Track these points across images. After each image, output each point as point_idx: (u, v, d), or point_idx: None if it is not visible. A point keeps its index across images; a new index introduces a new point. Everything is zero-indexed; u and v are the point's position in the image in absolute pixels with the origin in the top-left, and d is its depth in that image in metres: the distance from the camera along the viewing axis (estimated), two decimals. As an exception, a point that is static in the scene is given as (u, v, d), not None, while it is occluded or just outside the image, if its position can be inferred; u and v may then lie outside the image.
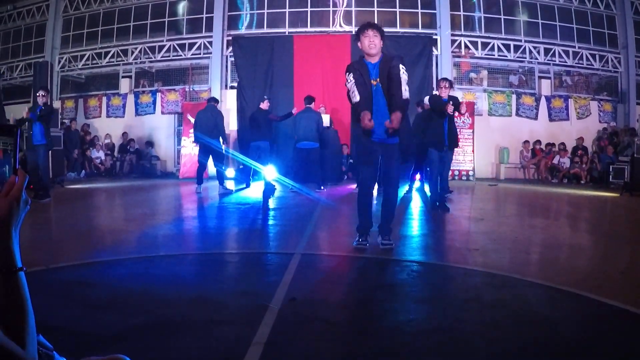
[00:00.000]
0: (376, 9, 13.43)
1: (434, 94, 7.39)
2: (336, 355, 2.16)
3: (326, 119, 10.70)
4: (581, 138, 13.24)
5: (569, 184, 12.24)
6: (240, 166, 11.61)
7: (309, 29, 13.50)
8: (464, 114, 6.97)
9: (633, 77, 13.78)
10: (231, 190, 8.84)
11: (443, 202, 6.74)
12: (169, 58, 14.21)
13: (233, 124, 12.85)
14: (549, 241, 4.92)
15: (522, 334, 2.36)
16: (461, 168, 12.04)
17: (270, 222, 6.10)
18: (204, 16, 13.93)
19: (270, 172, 8.52)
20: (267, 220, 6.19)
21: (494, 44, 13.47)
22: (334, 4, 13.42)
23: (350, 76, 4.05)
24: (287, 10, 13.52)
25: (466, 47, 13.43)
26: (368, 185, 4.26)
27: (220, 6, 13.54)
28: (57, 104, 13.83)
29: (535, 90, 13.73)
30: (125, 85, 14.41)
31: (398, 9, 13.50)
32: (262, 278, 3.41)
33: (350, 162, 11.99)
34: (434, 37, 13.20)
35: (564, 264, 4.04)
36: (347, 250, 4.23)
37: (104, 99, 14.53)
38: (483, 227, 5.61)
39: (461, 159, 11.81)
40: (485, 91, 13.55)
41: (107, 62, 14.66)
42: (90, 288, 3.03)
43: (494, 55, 13.55)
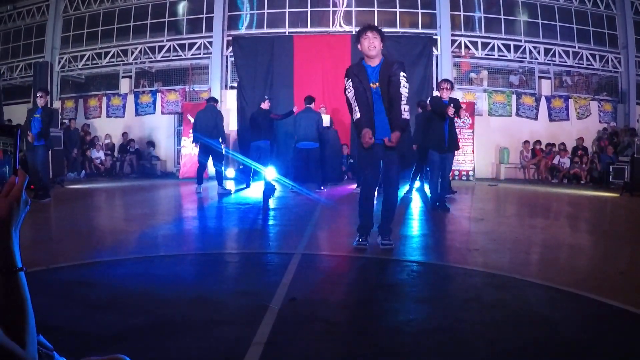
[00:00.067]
0: (376, 9, 13.44)
1: (434, 95, 7.38)
2: (336, 355, 2.16)
3: (326, 119, 10.70)
4: (581, 138, 13.24)
5: (569, 184, 12.24)
6: (240, 166, 11.62)
7: (309, 29, 13.51)
8: (462, 118, 6.96)
9: (633, 77, 13.78)
10: (230, 191, 8.83)
11: (443, 202, 6.74)
12: (169, 58, 14.21)
13: (233, 124, 12.85)
14: (549, 241, 4.92)
15: (522, 334, 2.36)
16: (461, 168, 12.04)
17: (271, 222, 6.10)
18: (204, 16, 13.93)
19: (270, 172, 8.52)
20: (267, 220, 6.20)
21: (494, 44, 13.47)
22: (334, 4, 13.42)
23: (349, 83, 4.04)
24: (287, 10, 13.52)
25: (466, 47, 13.43)
26: (370, 187, 4.26)
27: (220, 6, 13.54)
28: (57, 104, 13.83)
29: (535, 90, 13.74)
30: (125, 86, 14.41)
31: (398, 9, 13.51)
32: (262, 278, 3.41)
33: (350, 162, 11.99)
34: (434, 37, 13.20)
35: (564, 264, 4.05)
36: (347, 250, 4.23)
37: (104, 99, 14.54)
38: (483, 227, 5.61)
39: (461, 159, 11.81)
40: (485, 91, 13.55)
41: (107, 62, 14.66)
42: (90, 288, 3.03)
43: (494, 55, 13.56)
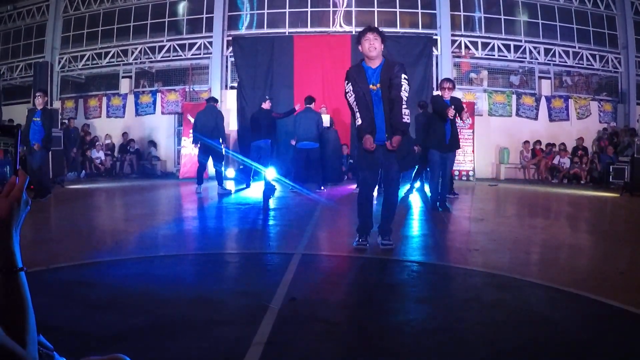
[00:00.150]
0: (376, 9, 13.43)
1: (435, 94, 7.38)
2: (336, 355, 2.16)
3: (326, 119, 10.69)
4: (581, 138, 13.24)
5: (569, 184, 12.24)
6: (240, 166, 11.62)
7: (309, 29, 13.51)
8: (464, 120, 6.97)
9: (633, 77, 13.78)
10: (230, 191, 8.83)
11: (444, 202, 6.74)
12: (169, 58, 14.21)
13: (233, 124, 12.85)
14: (549, 241, 4.92)
15: (522, 334, 2.36)
16: (461, 168, 12.04)
17: (271, 222, 6.10)
18: (204, 16, 13.93)
19: (270, 173, 8.52)
20: (267, 220, 6.20)
21: (494, 44, 13.47)
22: (334, 4, 13.42)
23: (349, 87, 4.03)
24: (287, 10, 13.52)
25: (466, 47, 13.43)
26: (369, 187, 4.26)
27: (220, 6, 13.54)
28: (57, 104, 13.83)
29: (535, 90, 13.73)
30: (125, 86, 14.41)
31: (398, 9, 13.50)
32: (262, 278, 3.41)
33: (350, 162, 11.99)
34: (434, 37, 13.20)
35: (564, 264, 4.05)
36: (347, 250, 4.23)
37: (104, 99, 14.54)
38: (483, 227, 5.61)
39: (461, 159, 11.81)
40: (485, 91, 13.55)
41: (107, 62, 14.66)
42: (90, 288, 3.03)
43: (494, 55, 13.55)
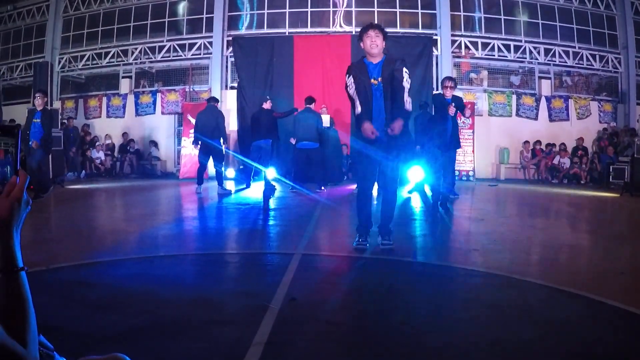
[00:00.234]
0: (376, 9, 13.43)
1: (436, 93, 7.38)
2: (336, 355, 2.16)
3: (326, 119, 10.69)
4: (581, 138, 13.24)
5: (569, 184, 12.24)
6: (240, 166, 11.62)
7: (309, 29, 13.50)
8: (468, 117, 6.97)
9: (633, 77, 13.78)
10: (230, 191, 8.83)
11: (445, 202, 6.74)
12: (169, 58, 14.20)
13: (233, 124, 12.85)
14: (549, 241, 4.92)
15: (522, 334, 2.35)
16: (461, 168, 12.04)
17: (271, 222, 6.10)
18: (204, 16, 13.93)
19: (270, 172, 8.52)
20: (267, 220, 6.20)
21: (494, 44, 13.47)
22: (334, 4, 13.42)
23: (350, 80, 4.03)
24: (287, 10, 13.52)
25: (466, 47, 13.43)
26: (367, 185, 4.26)
27: (220, 6, 13.54)
28: (57, 105, 13.82)
29: (535, 90, 13.73)
30: (125, 86, 14.41)
31: (398, 9, 13.50)
32: (262, 278, 3.41)
33: (350, 162, 11.98)
34: (434, 37, 13.21)
35: (564, 264, 4.05)
36: (347, 250, 4.23)
37: (104, 99, 14.54)
38: (483, 227, 5.62)
39: (461, 159, 11.81)
40: (485, 91, 13.55)
41: (107, 63, 14.66)
42: (90, 288, 3.03)
43: (494, 55, 13.55)
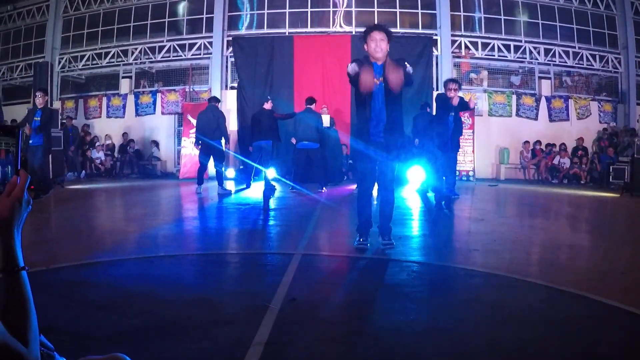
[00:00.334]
0: (376, 9, 13.44)
1: (439, 93, 7.42)
2: (336, 355, 2.16)
3: (326, 119, 10.69)
4: (581, 138, 13.24)
5: (569, 184, 12.25)
6: (240, 166, 11.62)
7: (309, 29, 13.51)
8: (473, 108, 7.08)
9: (633, 77, 13.78)
10: (230, 191, 8.83)
11: (446, 202, 6.75)
12: (169, 58, 14.21)
13: (233, 124, 12.84)
14: (549, 241, 4.93)
15: (522, 334, 2.36)
16: (461, 168, 12.04)
17: (271, 222, 6.10)
18: (204, 16, 13.93)
19: (271, 173, 8.52)
20: (267, 220, 6.20)
21: (494, 44, 13.47)
22: (334, 4, 13.42)
23: (354, 65, 3.94)
24: (287, 10, 13.52)
25: (466, 47, 13.43)
26: (367, 185, 4.26)
27: (220, 6, 13.54)
28: (57, 105, 13.83)
29: (535, 90, 13.74)
30: (125, 86, 14.41)
31: (398, 9, 13.51)
32: (262, 278, 3.41)
33: (350, 162, 11.98)
34: (434, 37, 13.21)
35: (564, 264, 4.05)
36: (347, 250, 4.24)
37: (104, 99, 14.54)
38: (483, 227, 5.61)
39: (461, 160, 11.81)
40: (485, 91, 13.55)
41: (107, 63, 14.66)
42: (90, 288, 3.03)
43: (494, 55, 13.56)
